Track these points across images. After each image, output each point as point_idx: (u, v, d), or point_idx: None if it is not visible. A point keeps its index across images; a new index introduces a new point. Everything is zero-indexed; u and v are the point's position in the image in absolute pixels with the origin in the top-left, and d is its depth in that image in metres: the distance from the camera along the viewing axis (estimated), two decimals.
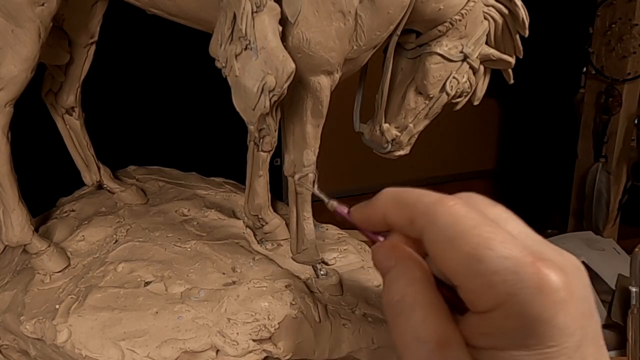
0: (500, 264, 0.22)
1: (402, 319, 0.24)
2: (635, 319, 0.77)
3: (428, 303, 0.24)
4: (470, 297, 0.24)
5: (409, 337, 0.24)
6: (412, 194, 0.26)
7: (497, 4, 0.48)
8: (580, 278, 0.24)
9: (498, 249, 0.23)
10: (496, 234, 0.23)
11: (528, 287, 0.22)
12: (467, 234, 0.23)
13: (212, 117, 0.94)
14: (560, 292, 0.22)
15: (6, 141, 0.50)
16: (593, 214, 1.21)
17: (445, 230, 0.24)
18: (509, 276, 0.22)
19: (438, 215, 0.24)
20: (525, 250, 0.23)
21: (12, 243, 0.53)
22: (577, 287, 0.23)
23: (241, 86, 0.40)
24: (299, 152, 0.49)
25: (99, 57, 0.59)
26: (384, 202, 0.28)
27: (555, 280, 0.22)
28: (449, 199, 0.25)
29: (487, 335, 0.23)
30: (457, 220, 0.24)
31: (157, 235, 0.56)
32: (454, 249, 0.24)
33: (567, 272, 0.23)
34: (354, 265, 0.56)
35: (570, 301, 0.22)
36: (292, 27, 0.42)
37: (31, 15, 0.46)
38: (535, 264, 0.22)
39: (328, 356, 0.49)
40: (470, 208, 0.24)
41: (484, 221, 0.24)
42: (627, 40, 1.10)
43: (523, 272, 0.22)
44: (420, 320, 0.24)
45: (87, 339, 0.46)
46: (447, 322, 0.24)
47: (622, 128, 1.17)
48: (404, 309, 0.24)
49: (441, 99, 0.50)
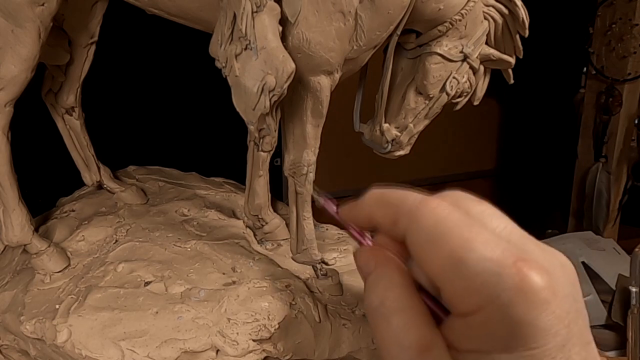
0: (481, 266, 0.22)
1: (382, 324, 0.24)
2: (635, 319, 0.77)
3: (408, 308, 0.24)
4: (452, 299, 0.23)
5: (391, 342, 0.24)
6: (396, 194, 0.26)
7: (497, 4, 0.48)
8: (565, 276, 0.23)
9: (479, 250, 0.22)
10: (478, 235, 0.23)
11: (509, 289, 0.22)
12: (449, 235, 0.23)
13: (212, 117, 0.94)
14: (542, 292, 0.22)
15: (6, 141, 0.50)
16: (593, 214, 1.21)
17: (427, 231, 0.24)
18: (490, 278, 0.22)
19: (420, 216, 0.24)
20: (507, 251, 0.22)
21: (12, 243, 0.53)
22: (560, 286, 0.22)
23: (241, 86, 0.40)
24: (299, 152, 0.49)
25: (99, 57, 0.59)
26: (371, 201, 0.28)
27: (537, 280, 0.22)
28: (432, 199, 0.25)
29: (469, 338, 0.23)
30: (439, 222, 0.24)
31: (157, 235, 0.56)
32: (435, 251, 0.23)
33: (550, 271, 0.22)
34: (354, 265, 0.55)
35: (553, 301, 0.22)
36: (292, 27, 0.42)
37: (31, 15, 0.46)
38: (517, 265, 0.22)
39: (328, 356, 0.49)
40: (453, 208, 0.24)
41: (467, 221, 0.24)
42: (627, 40, 1.10)
43: (504, 273, 0.22)
44: (400, 325, 0.24)
45: (87, 339, 0.46)
46: (428, 326, 0.24)
47: (622, 128, 1.17)
48: (384, 314, 0.24)
49: (441, 99, 0.50)
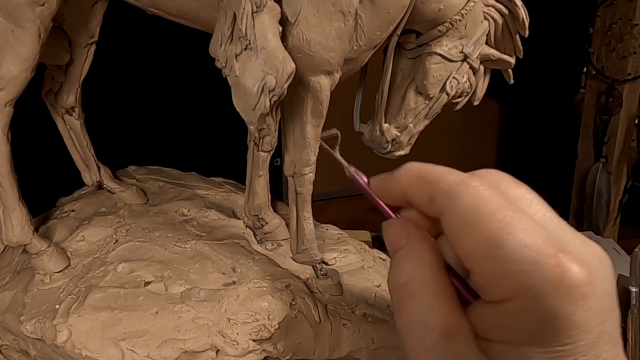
0: (519, 252, 0.21)
1: (407, 302, 0.23)
2: (635, 319, 0.77)
3: (437, 288, 0.23)
4: (484, 284, 0.23)
5: (414, 323, 0.23)
6: (436, 170, 0.25)
7: (497, 4, 0.48)
8: (604, 271, 0.22)
9: (519, 235, 0.21)
10: (519, 220, 0.22)
11: (547, 279, 0.21)
12: (488, 217, 0.22)
13: (212, 117, 0.94)
14: (581, 287, 0.21)
15: (6, 141, 0.50)
16: (593, 214, 1.21)
17: (465, 211, 0.23)
18: (528, 266, 0.21)
19: (460, 195, 0.23)
20: (548, 240, 0.21)
21: (12, 243, 0.53)
22: (599, 281, 0.22)
23: (241, 86, 0.40)
24: (299, 152, 0.49)
25: (99, 57, 0.59)
26: (407, 176, 0.26)
27: (577, 274, 0.21)
28: (473, 179, 0.24)
29: (499, 327, 0.22)
30: (479, 202, 0.23)
31: (157, 235, 0.56)
32: (472, 232, 0.22)
33: (590, 265, 0.21)
34: (354, 265, 0.55)
35: (591, 296, 0.21)
36: (292, 27, 0.42)
37: (31, 15, 0.46)
38: (557, 256, 0.21)
39: (328, 356, 0.49)
40: (494, 190, 0.23)
41: (507, 205, 0.23)
42: (627, 41, 1.09)
43: (543, 263, 0.21)
44: (427, 306, 0.23)
45: (87, 339, 0.46)
46: (456, 310, 0.23)
47: (623, 128, 1.16)
48: (410, 293, 0.23)
49: (441, 99, 0.50)
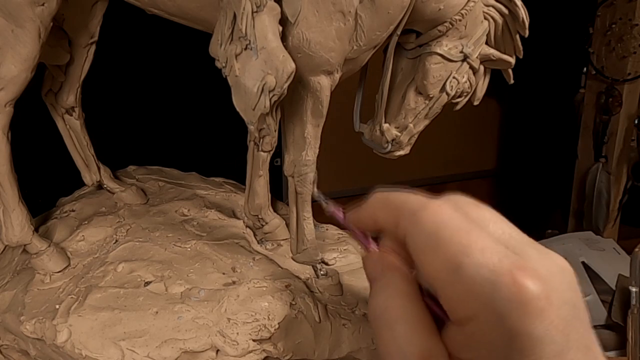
0: (477, 273, 0.22)
1: (385, 332, 0.24)
2: (635, 319, 0.77)
3: (411, 317, 0.24)
4: (449, 305, 0.23)
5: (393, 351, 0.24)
6: (398, 197, 0.26)
7: (497, 4, 0.48)
8: (564, 281, 0.23)
9: (476, 256, 0.22)
10: (476, 241, 0.23)
11: (505, 298, 0.21)
12: (448, 240, 0.23)
13: (212, 117, 0.94)
14: (537, 301, 0.21)
15: (6, 141, 0.50)
16: (593, 214, 1.21)
17: (426, 235, 0.24)
18: (485, 286, 0.22)
19: (420, 220, 0.24)
20: (505, 258, 0.22)
21: (12, 243, 0.53)
22: (558, 293, 0.22)
23: (241, 86, 0.40)
24: (299, 152, 0.49)
25: (99, 57, 0.59)
26: (373, 204, 0.28)
27: (532, 289, 0.21)
28: (432, 203, 0.25)
29: (466, 347, 0.23)
30: (439, 226, 0.24)
31: (157, 235, 0.56)
32: (434, 256, 0.23)
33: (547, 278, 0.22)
34: (354, 265, 0.55)
35: (548, 309, 0.21)
36: (292, 27, 0.42)
37: (31, 15, 0.46)
38: (512, 273, 0.22)
39: (328, 356, 0.49)
40: (454, 212, 0.24)
41: (466, 227, 0.23)
42: (627, 41, 1.10)
43: (499, 281, 0.21)
44: (403, 334, 0.24)
45: (87, 339, 0.46)
46: (431, 335, 0.24)
47: (622, 128, 1.17)
48: (387, 322, 0.24)
49: (441, 99, 0.50)
